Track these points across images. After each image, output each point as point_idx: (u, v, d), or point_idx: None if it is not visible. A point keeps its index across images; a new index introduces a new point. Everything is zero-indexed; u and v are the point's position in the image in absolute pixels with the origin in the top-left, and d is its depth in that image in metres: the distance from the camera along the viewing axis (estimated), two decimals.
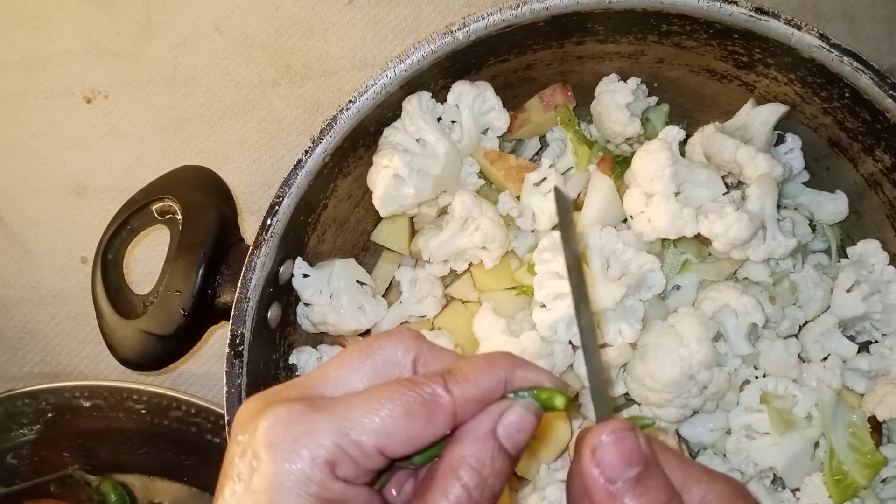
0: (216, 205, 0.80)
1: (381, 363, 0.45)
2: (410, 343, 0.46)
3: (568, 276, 0.49)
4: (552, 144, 0.93)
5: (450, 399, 0.43)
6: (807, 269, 0.85)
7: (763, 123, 0.83)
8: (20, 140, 1.14)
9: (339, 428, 0.41)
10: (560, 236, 0.51)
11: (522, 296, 0.83)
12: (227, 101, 1.14)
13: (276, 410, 0.41)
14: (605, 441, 0.43)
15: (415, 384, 0.43)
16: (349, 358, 0.45)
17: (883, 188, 0.82)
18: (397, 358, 0.45)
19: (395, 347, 0.45)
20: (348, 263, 0.85)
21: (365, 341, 0.46)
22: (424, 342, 0.46)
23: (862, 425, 0.77)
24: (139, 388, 0.95)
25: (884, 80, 0.73)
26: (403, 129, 0.81)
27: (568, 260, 0.49)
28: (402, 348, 0.45)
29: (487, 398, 0.44)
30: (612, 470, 0.43)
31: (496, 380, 0.44)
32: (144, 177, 0.83)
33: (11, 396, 0.96)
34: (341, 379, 0.44)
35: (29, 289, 1.10)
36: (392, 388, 0.42)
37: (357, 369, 0.44)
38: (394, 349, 0.45)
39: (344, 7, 1.15)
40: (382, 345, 0.45)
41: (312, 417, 0.41)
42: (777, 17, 0.74)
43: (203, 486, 0.99)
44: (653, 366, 0.76)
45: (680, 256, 0.84)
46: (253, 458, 0.41)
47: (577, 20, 0.78)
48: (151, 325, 0.76)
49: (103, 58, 1.16)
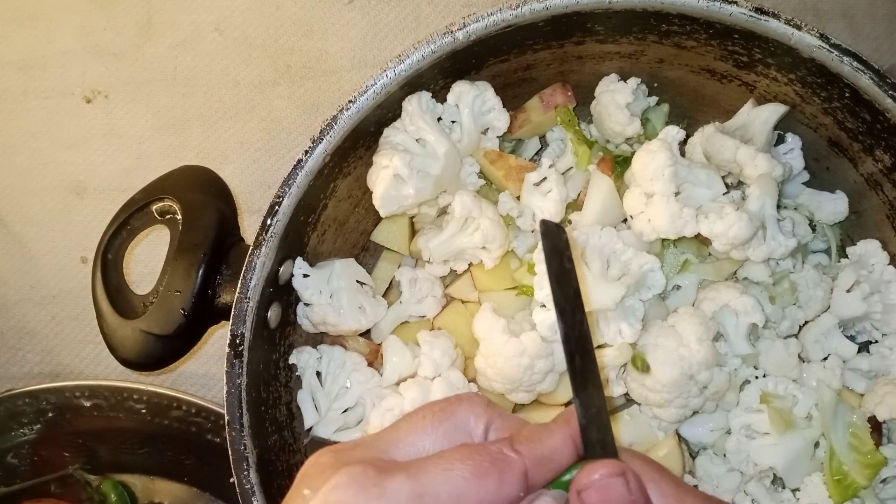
0: (216, 205, 0.80)
1: (454, 429, 0.45)
2: (482, 410, 0.46)
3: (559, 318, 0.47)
4: (552, 144, 0.93)
5: (519, 458, 0.43)
6: (807, 269, 0.85)
7: (763, 123, 0.83)
8: (20, 140, 1.14)
9: (413, 492, 0.40)
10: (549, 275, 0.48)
11: (522, 296, 0.83)
12: (227, 101, 1.14)
13: (349, 470, 0.41)
14: (595, 484, 0.42)
15: (484, 448, 0.43)
16: (422, 423, 0.45)
17: (883, 188, 0.82)
18: (469, 425, 0.45)
19: (468, 414, 0.45)
20: (348, 263, 0.85)
21: (437, 405, 0.46)
22: (495, 410, 0.46)
23: (862, 425, 0.77)
24: (139, 388, 0.95)
25: (884, 80, 0.73)
26: (403, 129, 0.81)
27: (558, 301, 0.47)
28: (474, 415, 0.45)
29: (558, 458, 0.44)
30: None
31: (562, 437, 0.44)
32: (144, 177, 0.83)
33: (12, 396, 0.96)
34: (413, 443, 0.44)
35: (29, 289, 1.10)
36: (462, 451, 0.43)
37: (430, 434, 0.45)
38: (466, 416, 0.45)
39: (344, 7, 1.15)
40: (455, 411, 0.45)
41: (385, 480, 0.40)
42: (777, 17, 0.74)
43: (203, 485, 0.99)
44: (653, 366, 0.76)
45: (680, 256, 0.84)
46: None
47: (577, 20, 0.78)
48: (151, 325, 0.76)
49: (103, 58, 1.16)
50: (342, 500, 0.40)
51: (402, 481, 0.40)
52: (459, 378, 0.79)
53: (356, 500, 0.40)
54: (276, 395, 0.80)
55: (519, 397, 0.79)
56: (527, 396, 0.79)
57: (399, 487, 0.40)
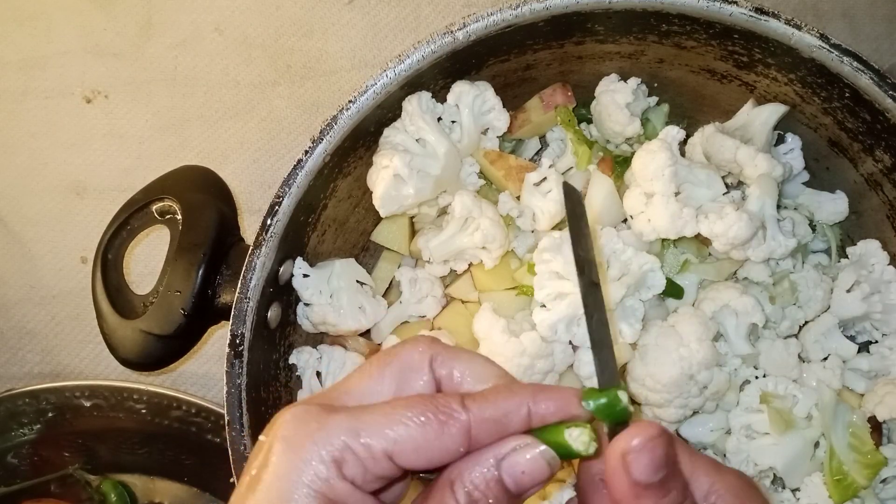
0: (216, 205, 0.80)
1: (400, 369, 0.45)
2: (425, 346, 0.46)
3: (579, 275, 0.49)
4: (552, 144, 0.93)
5: (465, 415, 0.43)
6: (807, 269, 0.85)
7: (763, 123, 0.83)
8: (20, 140, 1.14)
9: (351, 428, 0.41)
10: (570, 234, 0.51)
11: (522, 296, 0.83)
12: (227, 101, 1.14)
13: (293, 409, 0.43)
14: (637, 447, 0.42)
15: (433, 398, 0.43)
16: (368, 368, 0.46)
17: (883, 188, 0.82)
18: (414, 362, 0.46)
19: (411, 352, 0.46)
20: (348, 263, 0.85)
21: (384, 350, 0.47)
22: (439, 343, 0.47)
23: (862, 425, 0.77)
24: (139, 388, 0.95)
25: (884, 80, 0.73)
26: (403, 129, 0.81)
27: (578, 259, 0.49)
28: (416, 351, 0.46)
29: (506, 423, 0.44)
30: (642, 475, 0.42)
31: (516, 404, 0.44)
32: (144, 177, 0.83)
33: (12, 396, 0.96)
34: (363, 390, 0.45)
35: (29, 289, 1.10)
36: (410, 399, 0.43)
37: (377, 380, 0.45)
38: (409, 354, 0.46)
39: (344, 7, 1.15)
40: (398, 351, 0.46)
41: (326, 416, 0.42)
42: (777, 17, 0.74)
43: (203, 485, 0.99)
44: (653, 366, 0.76)
45: (680, 256, 0.84)
46: (267, 452, 0.42)
47: (577, 20, 0.78)
48: (151, 325, 0.76)
49: (103, 58, 1.16)
50: (285, 434, 0.42)
51: (342, 418, 0.42)
52: None
53: (297, 433, 0.41)
54: (276, 395, 0.80)
55: None
56: None
57: (338, 423, 0.41)
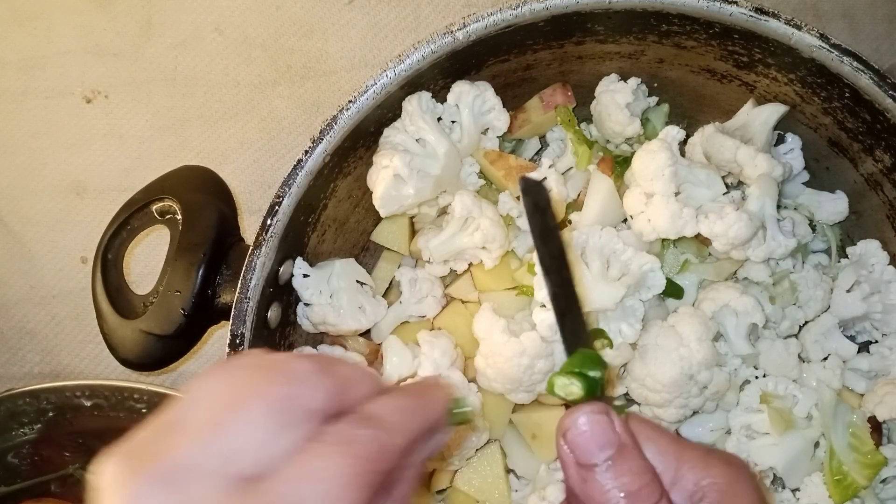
0: (216, 205, 0.80)
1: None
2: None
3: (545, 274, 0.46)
4: (552, 144, 0.93)
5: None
6: (807, 269, 0.85)
7: (763, 123, 0.83)
8: (20, 140, 1.14)
9: None
10: (532, 232, 0.47)
11: (522, 296, 0.83)
12: (227, 101, 1.14)
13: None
14: (578, 423, 0.42)
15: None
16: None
17: (883, 188, 0.82)
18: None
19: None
20: (348, 263, 0.85)
21: None
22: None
23: (862, 425, 0.77)
24: (140, 388, 0.95)
25: (884, 80, 0.73)
26: (403, 129, 0.81)
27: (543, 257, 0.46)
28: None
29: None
30: (583, 453, 0.42)
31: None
32: (144, 177, 0.83)
33: (12, 396, 0.96)
34: None
35: (29, 289, 1.10)
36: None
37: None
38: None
39: (344, 7, 1.15)
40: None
41: None
42: (777, 17, 0.74)
43: None
44: (653, 366, 0.76)
45: (680, 256, 0.84)
46: None
47: (577, 20, 0.78)
48: (151, 325, 0.76)
49: (103, 58, 1.16)
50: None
51: None
52: (459, 378, 0.79)
53: None
54: None
55: (519, 397, 0.79)
56: (527, 396, 0.79)
57: None
